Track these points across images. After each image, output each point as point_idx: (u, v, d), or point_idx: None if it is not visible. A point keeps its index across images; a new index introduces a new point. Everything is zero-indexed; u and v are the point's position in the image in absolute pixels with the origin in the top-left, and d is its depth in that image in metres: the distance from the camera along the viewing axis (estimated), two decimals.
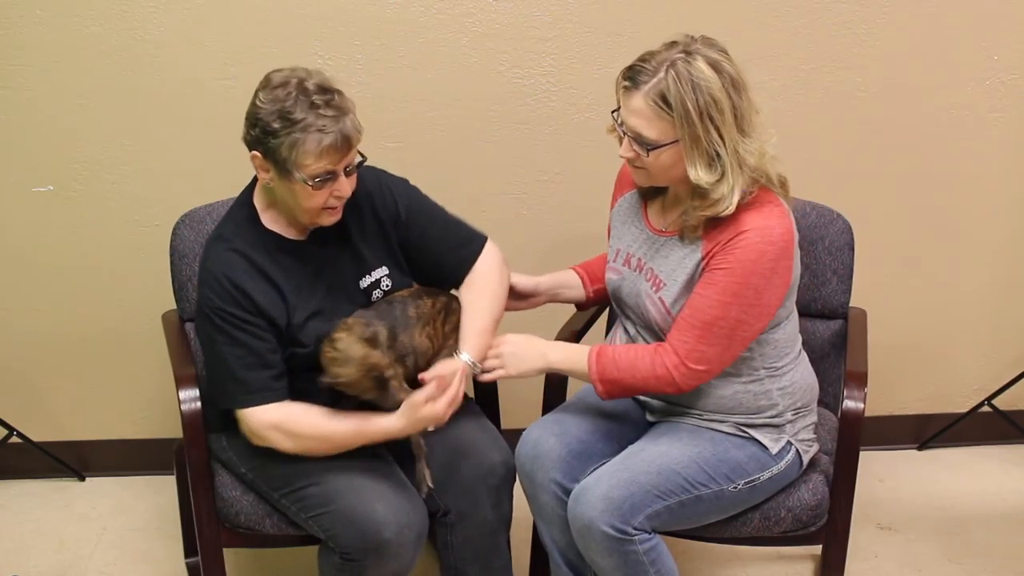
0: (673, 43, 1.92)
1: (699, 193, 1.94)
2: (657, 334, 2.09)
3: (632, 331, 2.17)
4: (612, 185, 2.28)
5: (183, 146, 2.73)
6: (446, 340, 2.14)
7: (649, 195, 2.15)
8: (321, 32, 2.66)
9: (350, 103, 1.98)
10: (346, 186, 2.00)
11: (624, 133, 1.96)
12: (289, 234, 2.10)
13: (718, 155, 1.89)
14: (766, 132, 1.95)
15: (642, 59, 1.92)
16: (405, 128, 2.75)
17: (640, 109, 1.91)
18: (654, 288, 2.05)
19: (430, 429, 2.06)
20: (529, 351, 2.10)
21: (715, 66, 1.88)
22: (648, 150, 1.93)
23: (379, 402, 2.03)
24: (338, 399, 2.04)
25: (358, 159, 2.02)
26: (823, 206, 2.44)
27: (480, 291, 2.20)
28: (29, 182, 2.74)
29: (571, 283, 2.36)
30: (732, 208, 1.91)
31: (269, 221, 2.09)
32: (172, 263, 2.41)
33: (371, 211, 2.17)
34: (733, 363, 2.03)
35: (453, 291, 2.23)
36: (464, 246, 2.22)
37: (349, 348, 1.97)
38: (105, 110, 2.68)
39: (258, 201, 2.10)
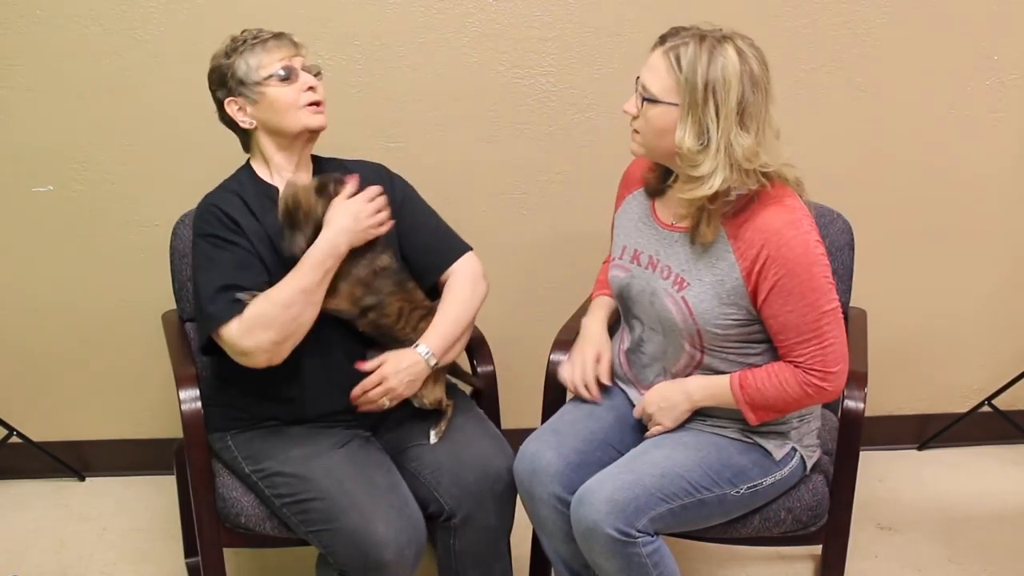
0: (718, 28, 1.95)
1: (685, 173, 1.95)
2: (670, 333, 2.07)
3: (639, 330, 2.16)
4: (612, 185, 2.28)
5: (183, 146, 2.73)
6: (410, 330, 2.18)
7: (657, 193, 2.14)
8: (321, 32, 2.66)
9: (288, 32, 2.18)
10: (312, 80, 2.13)
11: (637, 89, 1.98)
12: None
13: (708, 132, 1.90)
14: (776, 151, 1.95)
15: (682, 26, 1.96)
16: (405, 128, 2.75)
17: (655, 63, 1.94)
18: (676, 287, 2.03)
19: (388, 403, 2.13)
20: (672, 398, 2.08)
21: (742, 55, 1.90)
22: (644, 100, 1.95)
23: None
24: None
25: (315, 65, 2.16)
26: (823, 206, 2.44)
27: (453, 296, 2.23)
28: (29, 182, 2.74)
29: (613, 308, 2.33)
30: (713, 190, 1.90)
31: (267, 177, 2.18)
32: (172, 263, 2.41)
33: None
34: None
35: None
36: (448, 246, 2.28)
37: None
38: (105, 110, 2.69)
39: (254, 163, 2.20)
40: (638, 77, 1.98)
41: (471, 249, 2.29)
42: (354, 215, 2.08)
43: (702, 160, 1.91)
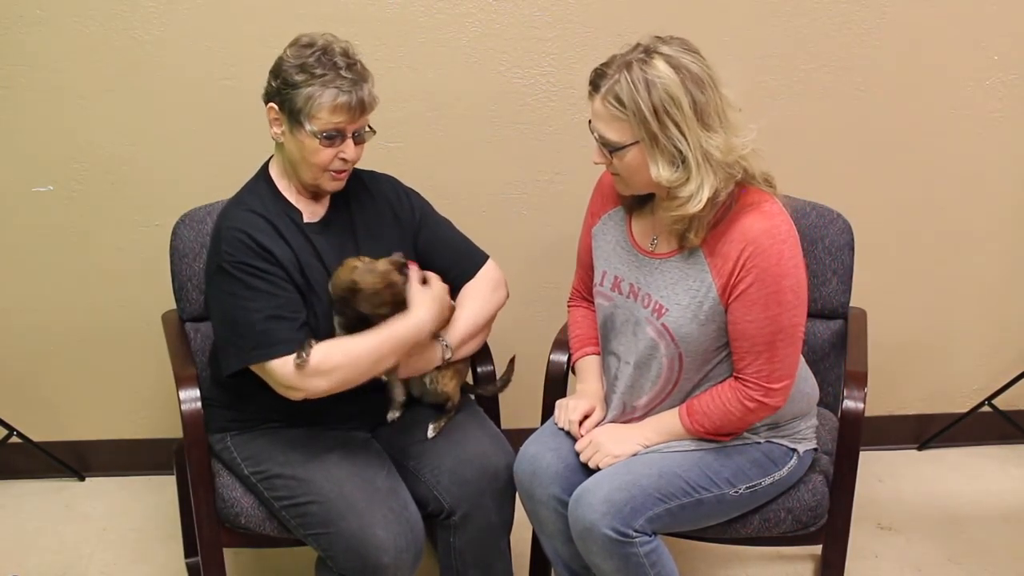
0: (636, 45, 1.91)
1: (670, 195, 1.93)
2: (642, 366, 2.04)
3: (614, 368, 2.11)
4: None
5: (183, 146, 2.73)
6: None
7: (634, 207, 2.10)
8: (321, 32, 2.65)
9: (370, 74, 2.06)
10: (352, 150, 2.07)
11: (596, 139, 1.96)
12: (303, 206, 2.14)
13: (680, 152, 1.87)
14: (745, 128, 1.91)
15: (605, 63, 1.92)
16: (405, 128, 2.75)
17: (599, 112, 1.92)
18: (655, 315, 2.01)
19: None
20: (623, 433, 2.07)
21: (673, 63, 1.85)
22: (611, 152, 1.93)
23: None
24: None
25: (367, 129, 2.08)
26: (823, 206, 2.44)
27: (472, 295, 2.25)
28: (29, 182, 2.74)
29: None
30: (701, 204, 1.88)
31: (284, 189, 2.14)
32: (172, 263, 2.41)
33: (391, 214, 2.23)
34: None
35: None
36: (470, 258, 2.29)
37: (374, 263, 2.06)
38: (105, 110, 2.68)
39: (274, 171, 2.15)
40: (590, 122, 1.95)
41: (488, 257, 2.31)
42: (440, 303, 2.12)
43: (685, 180, 1.88)
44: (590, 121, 1.96)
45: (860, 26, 2.76)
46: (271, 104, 2.05)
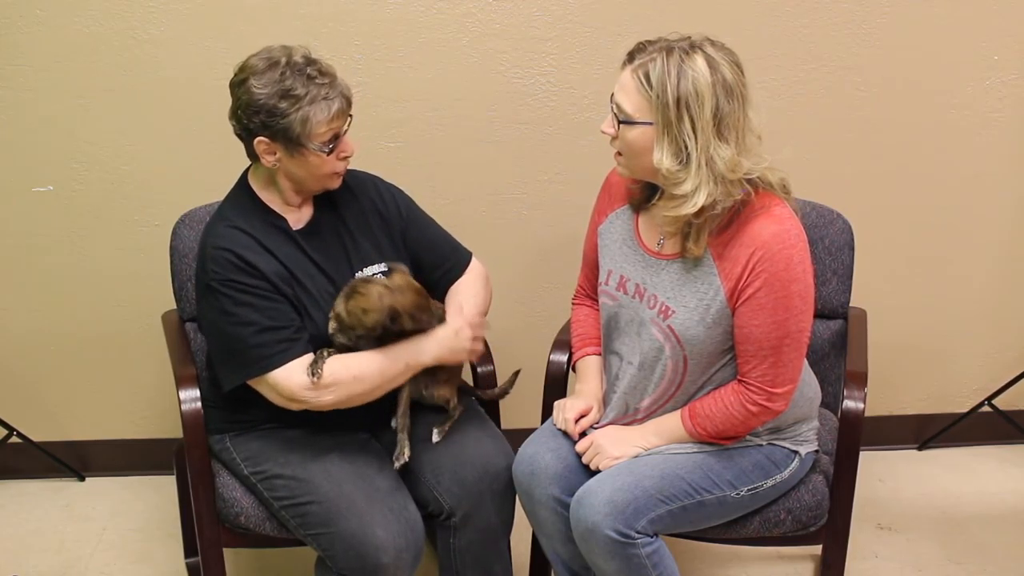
0: (687, 36, 1.91)
1: (666, 191, 1.93)
2: (645, 367, 2.05)
3: (616, 367, 2.12)
4: None
5: (183, 146, 2.73)
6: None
7: (642, 206, 2.10)
8: (321, 32, 2.66)
9: (332, 67, 2.06)
10: (349, 145, 2.08)
11: (612, 109, 1.96)
12: (288, 214, 2.13)
13: (686, 148, 1.86)
14: (758, 156, 1.91)
15: (650, 40, 1.92)
16: (405, 128, 2.75)
17: (625, 82, 1.91)
18: (661, 316, 2.01)
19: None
20: (624, 435, 2.08)
21: (712, 64, 1.86)
22: (620, 123, 1.92)
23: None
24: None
25: (349, 117, 2.09)
26: (823, 206, 2.44)
27: (467, 294, 2.25)
28: (29, 182, 2.74)
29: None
30: (696, 208, 1.87)
31: (268, 200, 2.13)
32: (172, 263, 2.41)
33: (375, 212, 2.22)
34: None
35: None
36: (455, 255, 2.29)
37: (377, 294, 2.02)
38: (105, 110, 2.69)
39: (254, 182, 2.14)
40: (612, 95, 1.95)
41: (472, 254, 2.32)
42: (451, 348, 2.11)
43: (684, 178, 1.87)
44: (613, 94, 1.95)
45: (860, 26, 2.76)
46: (260, 138, 2.02)
